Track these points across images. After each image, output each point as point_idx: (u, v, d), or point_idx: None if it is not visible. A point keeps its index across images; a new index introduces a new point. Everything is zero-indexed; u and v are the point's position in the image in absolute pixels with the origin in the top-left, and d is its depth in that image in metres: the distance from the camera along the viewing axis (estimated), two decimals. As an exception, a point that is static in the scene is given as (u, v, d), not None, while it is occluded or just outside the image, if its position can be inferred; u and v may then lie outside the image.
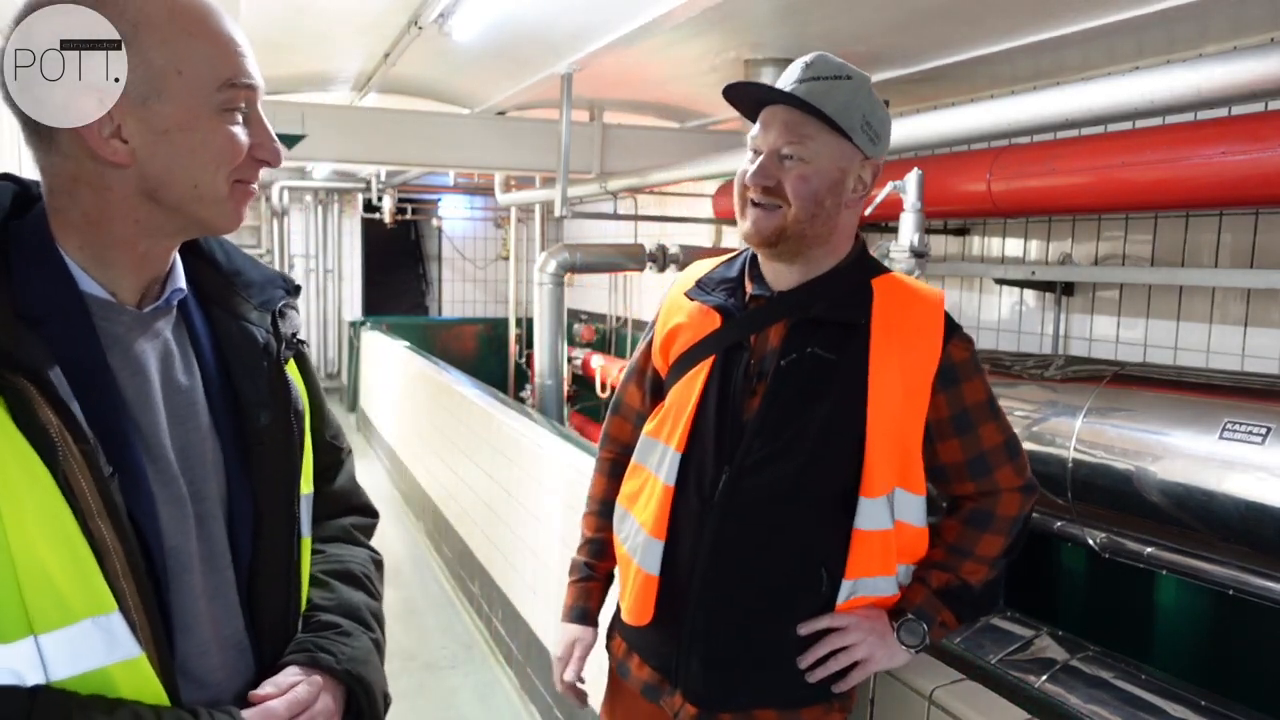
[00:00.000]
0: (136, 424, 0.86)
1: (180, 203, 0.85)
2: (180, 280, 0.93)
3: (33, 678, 0.76)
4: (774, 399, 1.30)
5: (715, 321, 1.36)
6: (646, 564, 1.37)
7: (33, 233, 0.84)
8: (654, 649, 1.41)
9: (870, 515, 1.30)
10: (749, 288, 1.37)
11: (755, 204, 1.30)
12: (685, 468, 1.35)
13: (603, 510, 1.55)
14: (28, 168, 0.90)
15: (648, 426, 1.45)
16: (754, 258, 1.40)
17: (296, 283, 1.07)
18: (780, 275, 1.35)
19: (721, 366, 1.34)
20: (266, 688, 0.91)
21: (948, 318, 1.34)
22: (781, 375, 1.31)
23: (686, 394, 1.36)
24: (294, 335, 1.02)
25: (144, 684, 0.81)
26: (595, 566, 1.55)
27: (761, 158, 1.29)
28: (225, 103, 0.85)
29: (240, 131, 0.86)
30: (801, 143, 1.26)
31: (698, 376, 1.35)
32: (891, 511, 1.31)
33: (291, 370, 1.01)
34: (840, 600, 1.32)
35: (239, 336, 0.96)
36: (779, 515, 1.32)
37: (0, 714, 0.74)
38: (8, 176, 0.89)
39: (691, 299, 1.41)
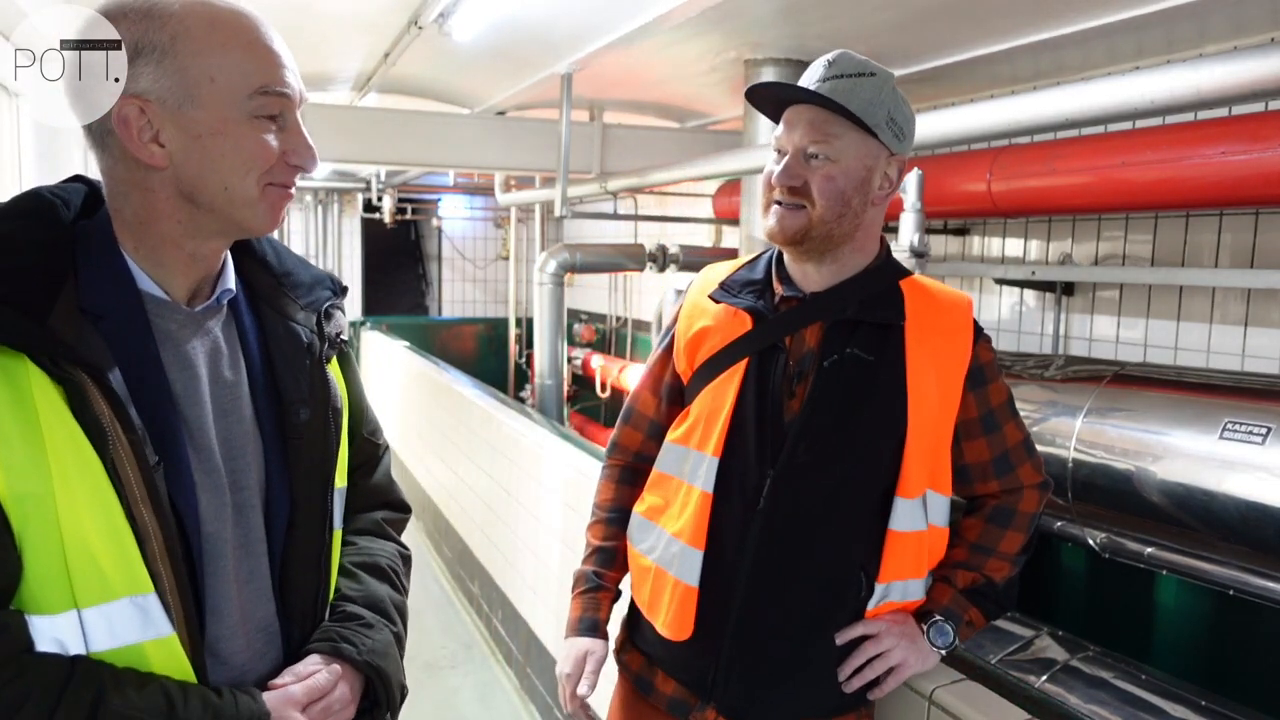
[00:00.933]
0: (184, 417, 0.91)
1: (214, 204, 0.90)
2: (230, 280, 0.98)
3: (74, 648, 0.82)
4: (818, 402, 1.29)
5: (746, 324, 1.34)
6: (685, 575, 1.32)
7: (98, 233, 0.90)
8: (685, 663, 1.37)
9: (905, 517, 1.29)
10: (778, 289, 1.36)
11: (779, 203, 1.29)
12: (723, 474, 1.32)
13: (611, 518, 1.50)
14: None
15: (673, 434, 1.40)
16: (779, 260, 1.39)
17: (344, 284, 1.12)
18: (809, 276, 1.34)
19: (757, 369, 1.32)
20: (286, 676, 0.96)
21: (974, 321, 1.35)
22: (825, 377, 1.29)
23: (720, 398, 1.33)
24: (338, 335, 1.07)
25: (174, 661, 0.87)
26: (604, 576, 1.48)
27: (787, 158, 1.27)
28: (257, 109, 0.89)
29: (271, 137, 0.91)
30: (827, 141, 1.25)
31: (731, 380, 1.32)
32: (925, 513, 1.31)
33: (334, 369, 1.06)
34: (870, 605, 1.32)
35: (284, 335, 1.01)
36: (824, 519, 1.30)
37: (44, 677, 0.80)
38: (79, 179, 0.95)
39: (717, 301, 1.38)
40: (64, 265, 0.86)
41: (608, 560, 1.49)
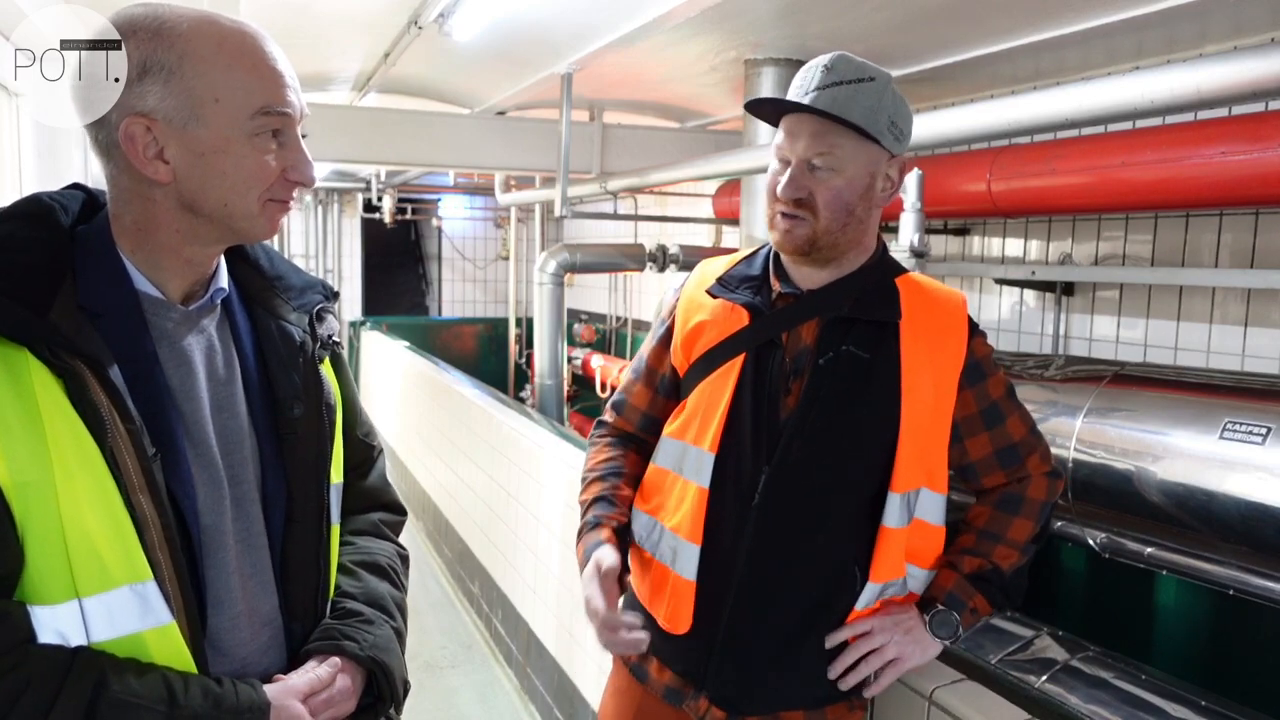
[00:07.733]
0: (180, 411, 0.93)
1: (214, 216, 0.93)
2: (223, 281, 1.01)
3: (75, 639, 0.84)
4: (814, 398, 1.29)
5: (743, 319, 1.34)
6: (683, 570, 1.33)
7: (97, 236, 0.93)
8: (679, 653, 1.38)
9: (898, 513, 1.30)
10: (775, 285, 1.36)
11: (785, 215, 1.29)
12: (719, 469, 1.32)
13: (608, 473, 1.46)
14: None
15: (670, 427, 1.41)
16: (777, 255, 1.39)
17: (335, 289, 1.14)
18: (809, 276, 1.35)
19: (753, 364, 1.32)
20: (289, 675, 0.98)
21: (969, 318, 1.36)
22: (821, 374, 1.30)
23: (717, 393, 1.33)
24: (330, 336, 1.09)
25: (174, 651, 0.88)
26: (604, 517, 1.39)
27: (791, 169, 1.27)
28: (258, 129, 0.91)
29: (271, 157, 0.93)
30: (831, 152, 1.24)
31: (728, 375, 1.33)
32: (910, 509, 1.31)
33: (326, 369, 1.09)
34: (869, 602, 1.32)
35: (277, 335, 1.04)
36: (818, 515, 1.31)
37: (45, 666, 0.81)
38: (78, 186, 0.98)
39: (714, 296, 1.39)
40: (63, 266, 0.88)
41: (607, 506, 1.42)
